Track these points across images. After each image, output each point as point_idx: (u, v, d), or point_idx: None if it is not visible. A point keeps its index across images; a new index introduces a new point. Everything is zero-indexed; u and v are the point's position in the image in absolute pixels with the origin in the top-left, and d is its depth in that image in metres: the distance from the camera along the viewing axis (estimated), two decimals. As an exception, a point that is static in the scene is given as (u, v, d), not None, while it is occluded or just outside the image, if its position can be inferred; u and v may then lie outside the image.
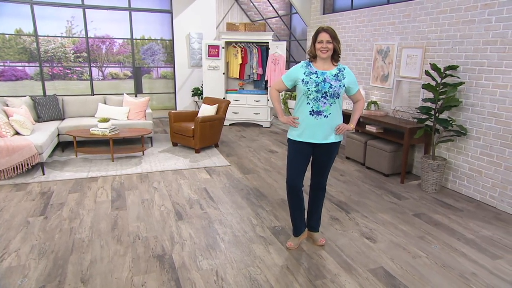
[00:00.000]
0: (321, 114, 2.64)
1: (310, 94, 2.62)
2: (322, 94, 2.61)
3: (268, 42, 7.31)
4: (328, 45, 2.58)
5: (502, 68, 3.64)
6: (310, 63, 2.71)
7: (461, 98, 4.04)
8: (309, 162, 2.84)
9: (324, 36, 2.58)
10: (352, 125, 2.82)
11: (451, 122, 4.01)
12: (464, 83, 3.93)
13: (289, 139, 2.81)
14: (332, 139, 2.74)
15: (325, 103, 2.63)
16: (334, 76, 2.64)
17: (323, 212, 3.60)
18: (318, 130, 2.67)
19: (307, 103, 2.65)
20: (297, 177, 2.79)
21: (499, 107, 3.70)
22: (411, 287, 2.48)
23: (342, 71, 2.68)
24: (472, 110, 3.96)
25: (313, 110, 2.64)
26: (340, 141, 2.81)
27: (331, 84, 2.61)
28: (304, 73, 2.65)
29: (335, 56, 2.66)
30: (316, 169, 2.89)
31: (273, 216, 3.53)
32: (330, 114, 2.65)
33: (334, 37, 2.59)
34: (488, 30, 3.75)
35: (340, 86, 2.63)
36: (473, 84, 3.93)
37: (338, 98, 2.65)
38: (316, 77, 2.62)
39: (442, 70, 3.95)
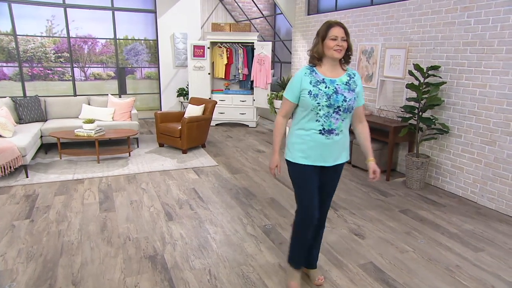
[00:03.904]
0: (333, 133, 2.15)
1: (320, 110, 2.10)
2: (335, 109, 2.11)
3: (253, 43, 7.35)
4: (343, 43, 2.09)
5: (481, 68, 3.78)
6: (314, 68, 2.17)
7: (443, 97, 4.17)
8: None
9: (338, 32, 2.07)
10: (374, 160, 2.33)
11: (434, 120, 4.14)
12: (446, 82, 4.06)
13: (290, 162, 2.27)
14: (343, 159, 2.29)
15: (337, 119, 2.14)
16: (346, 84, 2.15)
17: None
18: (329, 152, 2.19)
19: (317, 120, 2.14)
20: (313, 204, 2.26)
21: (478, 105, 3.84)
22: (399, 280, 2.56)
23: (353, 77, 2.20)
24: (454, 109, 4.10)
25: (324, 129, 2.14)
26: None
27: (344, 97, 2.11)
28: (310, 83, 2.11)
29: (345, 58, 2.18)
30: (321, 196, 2.35)
31: (263, 215, 3.56)
32: (341, 131, 2.19)
33: (348, 34, 2.12)
34: (467, 31, 3.89)
35: (354, 98, 2.15)
36: (454, 83, 4.07)
37: (351, 112, 2.20)
38: (325, 87, 2.10)
39: (424, 70, 4.07)
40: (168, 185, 4.31)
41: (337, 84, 2.13)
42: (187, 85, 7.87)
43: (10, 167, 4.27)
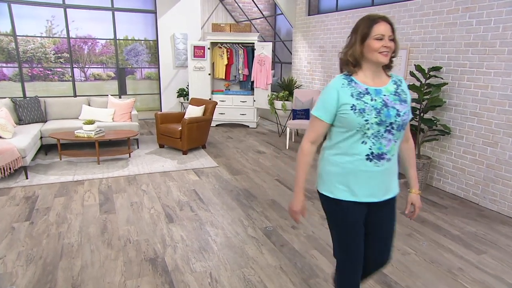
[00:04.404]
0: (383, 158, 1.66)
1: (368, 129, 1.62)
2: (386, 126, 1.63)
3: (253, 43, 7.33)
4: (391, 44, 1.61)
5: (483, 69, 3.77)
6: (352, 77, 1.68)
7: (444, 98, 4.16)
8: None
9: (385, 29, 1.59)
10: (418, 191, 1.90)
11: (435, 121, 4.13)
12: (447, 83, 4.04)
13: (327, 197, 1.75)
14: (395, 190, 1.78)
15: (389, 140, 1.65)
16: (395, 95, 1.67)
17: (312, 211, 3.64)
18: (378, 183, 1.69)
19: (363, 142, 1.64)
20: (361, 257, 1.78)
21: (480, 107, 3.82)
22: (401, 283, 2.54)
23: (400, 84, 1.72)
24: (455, 110, 4.08)
25: (372, 153, 1.65)
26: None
27: (397, 110, 1.64)
28: (352, 95, 1.63)
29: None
30: (375, 243, 1.81)
31: (264, 216, 3.55)
32: (393, 155, 1.70)
33: (395, 30, 1.64)
34: (469, 32, 3.87)
35: (409, 110, 1.69)
36: (455, 84, 4.05)
37: (404, 130, 1.71)
38: (371, 100, 1.62)
39: (426, 71, 4.06)
40: (168, 186, 4.29)
41: (384, 95, 1.65)
42: (187, 85, 7.85)
43: (10, 169, 4.25)
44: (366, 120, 1.59)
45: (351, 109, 1.61)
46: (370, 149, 1.64)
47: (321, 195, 1.78)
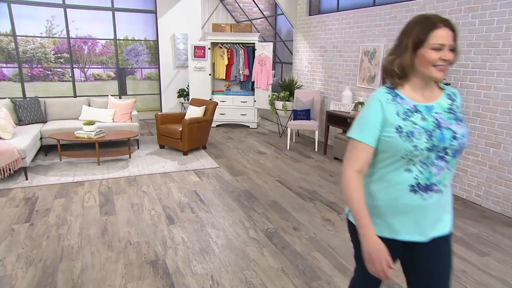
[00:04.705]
0: (432, 190, 1.35)
1: (416, 156, 1.31)
2: (438, 152, 1.32)
3: (254, 43, 7.31)
4: (450, 56, 1.29)
5: (485, 69, 3.74)
6: (397, 91, 1.38)
7: (446, 99, 4.13)
8: None
9: (446, 37, 1.26)
10: None
11: (437, 122, 4.10)
12: (449, 84, 4.02)
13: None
14: (445, 227, 1.45)
15: (441, 168, 1.34)
16: (449, 112, 1.37)
17: (314, 213, 3.62)
18: (424, 219, 1.38)
19: (407, 170, 1.34)
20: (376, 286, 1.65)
21: (483, 107, 3.80)
22: (404, 286, 2.51)
23: (454, 99, 1.41)
24: (457, 110, 4.06)
25: (418, 184, 1.34)
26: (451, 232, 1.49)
27: (453, 132, 1.33)
28: (398, 114, 1.33)
29: None
30: (423, 282, 1.49)
31: (265, 218, 3.52)
32: (446, 186, 1.39)
33: (457, 37, 1.30)
34: (471, 32, 3.85)
35: (467, 132, 1.37)
36: (458, 85, 4.03)
37: (460, 155, 1.45)
38: (421, 119, 1.32)
39: (428, 72, 4.03)
40: (169, 187, 4.27)
41: (436, 113, 1.34)
42: (188, 86, 7.83)
43: (10, 170, 4.23)
44: (415, 146, 1.29)
45: (396, 132, 1.31)
46: (415, 178, 1.33)
47: (353, 225, 1.48)
